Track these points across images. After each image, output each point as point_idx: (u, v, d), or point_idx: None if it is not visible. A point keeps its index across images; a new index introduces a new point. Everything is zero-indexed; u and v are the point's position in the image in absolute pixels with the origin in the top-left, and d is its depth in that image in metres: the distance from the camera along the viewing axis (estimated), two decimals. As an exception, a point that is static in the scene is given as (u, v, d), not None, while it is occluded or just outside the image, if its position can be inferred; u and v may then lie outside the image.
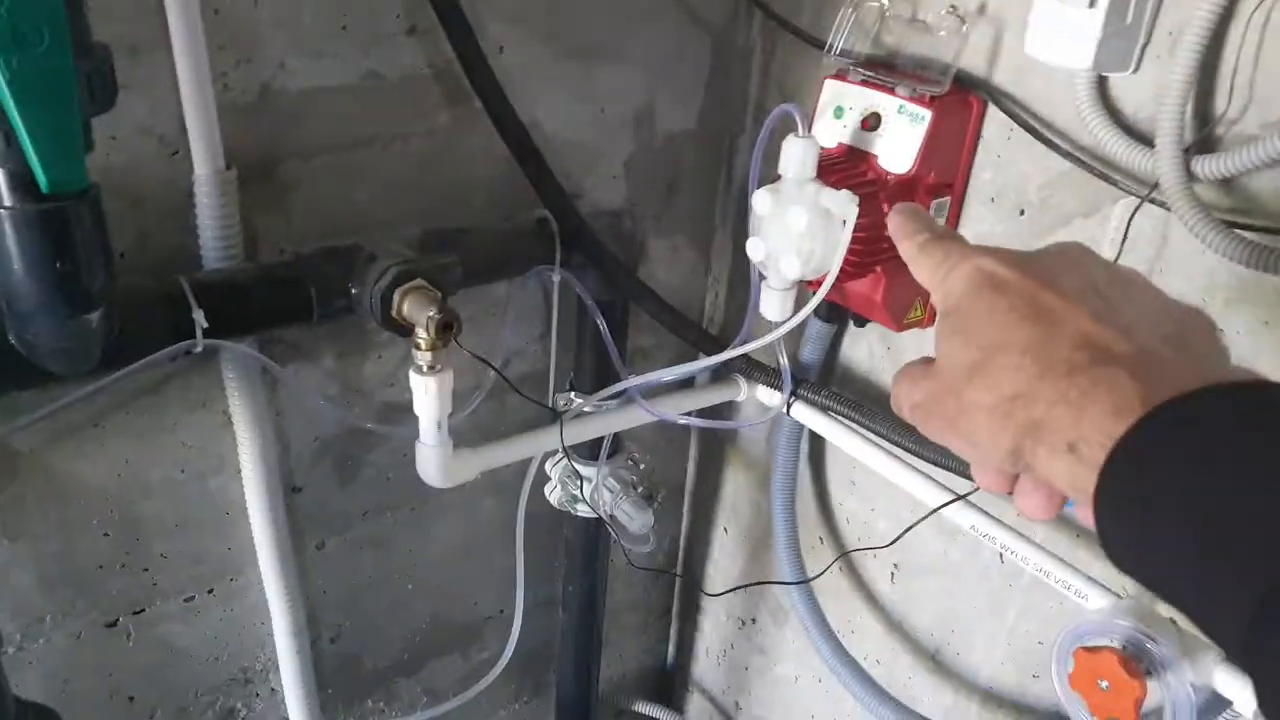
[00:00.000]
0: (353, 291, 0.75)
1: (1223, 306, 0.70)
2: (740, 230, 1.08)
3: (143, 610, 0.88)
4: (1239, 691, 0.66)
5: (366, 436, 0.92)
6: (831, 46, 0.85)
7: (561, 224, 0.87)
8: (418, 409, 0.74)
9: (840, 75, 0.85)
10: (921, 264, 0.42)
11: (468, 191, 0.87)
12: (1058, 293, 0.36)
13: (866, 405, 0.91)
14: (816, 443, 1.06)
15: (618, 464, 1.03)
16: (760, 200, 0.77)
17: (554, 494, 1.04)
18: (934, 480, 0.85)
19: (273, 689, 1.00)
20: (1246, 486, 0.28)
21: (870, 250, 0.81)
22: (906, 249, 0.43)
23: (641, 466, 1.05)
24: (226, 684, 0.98)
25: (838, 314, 0.96)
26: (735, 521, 1.21)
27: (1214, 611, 0.30)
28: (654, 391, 0.98)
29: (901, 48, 0.85)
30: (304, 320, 0.75)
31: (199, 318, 0.69)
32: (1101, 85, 0.71)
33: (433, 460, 0.76)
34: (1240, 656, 0.28)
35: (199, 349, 0.70)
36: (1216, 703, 0.70)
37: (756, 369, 0.98)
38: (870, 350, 0.97)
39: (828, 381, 1.01)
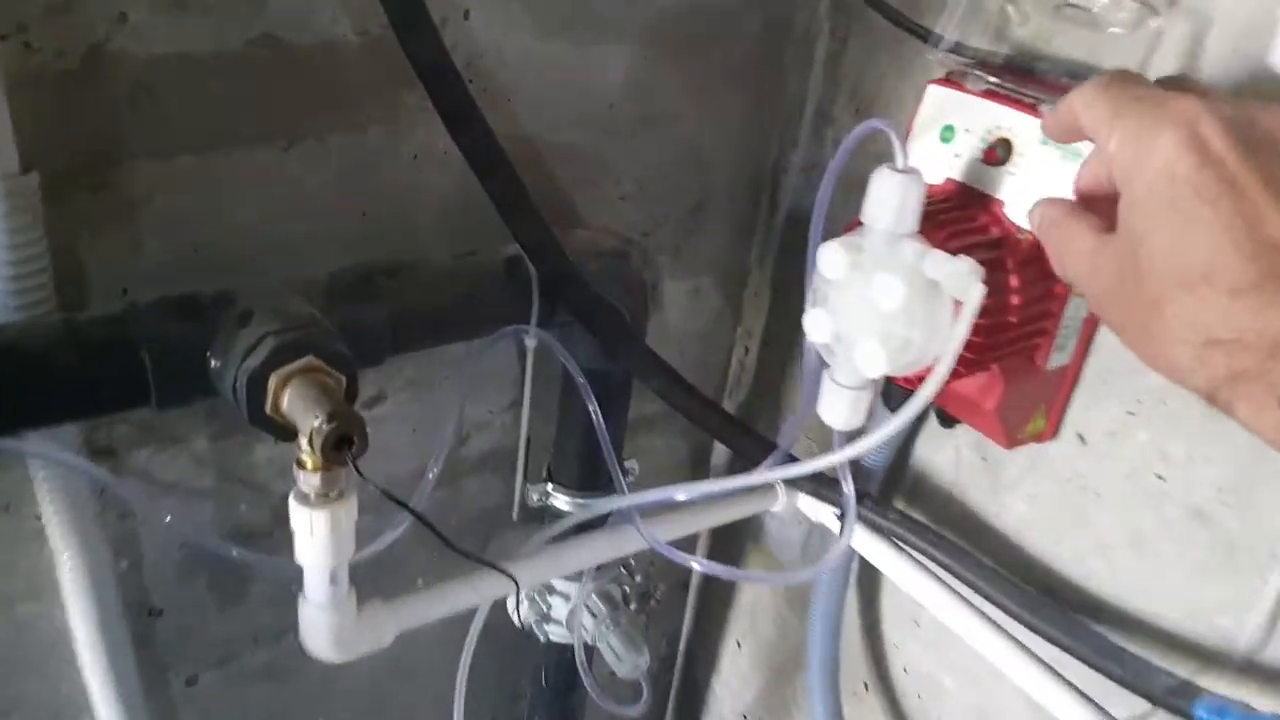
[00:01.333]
0: (213, 365, 0.50)
1: None
2: (784, 273, 0.83)
3: (-66, 774, 0.64)
4: None
5: (261, 537, 0.66)
6: (940, 37, 0.59)
7: (541, 266, 0.61)
8: (301, 554, 0.49)
9: (953, 80, 0.58)
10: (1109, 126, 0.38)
11: (409, 214, 0.62)
12: None
13: (948, 539, 0.65)
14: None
15: (605, 575, 0.78)
16: (830, 258, 0.51)
17: (520, 608, 0.79)
18: (1041, 663, 0.59)
19: None
20: None
21: (991, 343, 0.56)
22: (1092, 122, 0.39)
23: (638, 578, 0.79)
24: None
25: (915, 404, 0.71)
26: (752, 637, 0.96)
27: None
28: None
29: (1044, 46, 0.59)
30: (136, 405, 0.50)
31: (-50, 408, 0.44)
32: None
33: (322, 628, 0.50)
34: None
35: (-45, 452, 0.45)
36: None
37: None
38: (958, 458, 0.72)
39: (893, 493, 0.75)
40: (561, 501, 0.73)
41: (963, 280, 0.49)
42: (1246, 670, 0.58)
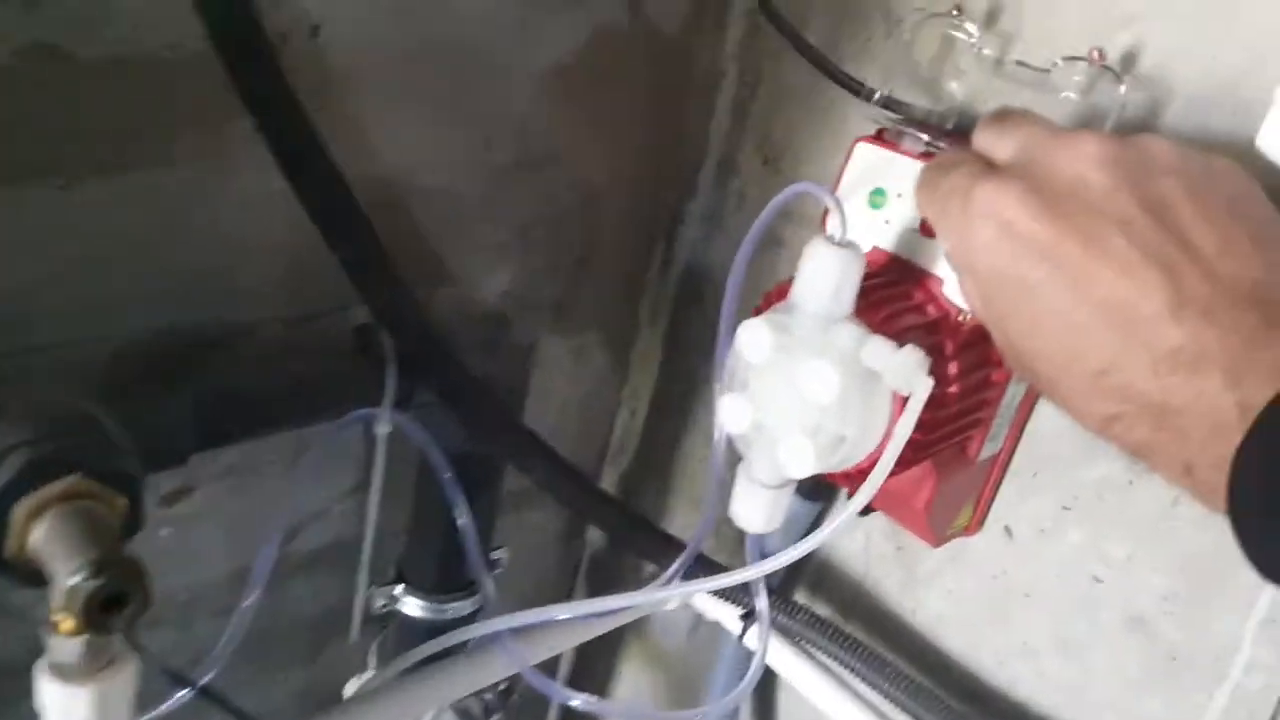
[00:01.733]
0: (-67, 485, 0.36)
1: None
2: (678, 331, 0.74)
3: None
4: None
5: (16, 675, 0.52)
6: (871, 90, 0.52)
7: (399, 337, 0.50)
8: (52, 744, 0.36)
9: (884, 139, 0.51)
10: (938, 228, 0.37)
11: (232, 270, 0.49)
12: (1114, 266, 0.30)
13: (865, 646, 0.58)
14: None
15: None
16: (754, 339, 0.44)
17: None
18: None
19: None
20: None
21: (929, 439, 0.49)
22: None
23: (502, 687, 0.68)
24: None
25: (824, 491, 0.64)
26: (632, 733, 0.86)
27: None
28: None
29: (983, 107, 0.52)
30: None
31: None
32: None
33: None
34: None
35: None
36: None
37: (700, 566, 0.63)
38: (868, 545, 0.65)
39: (796, 583, 0.68)
40: (414, 608, 0.61)
41: (909, 373, 0.42)
42: (1187, 796, 0.53)
